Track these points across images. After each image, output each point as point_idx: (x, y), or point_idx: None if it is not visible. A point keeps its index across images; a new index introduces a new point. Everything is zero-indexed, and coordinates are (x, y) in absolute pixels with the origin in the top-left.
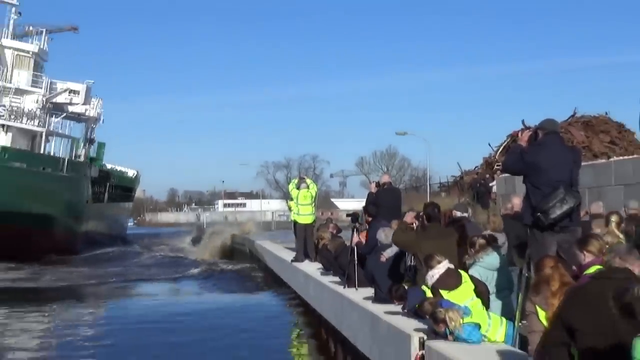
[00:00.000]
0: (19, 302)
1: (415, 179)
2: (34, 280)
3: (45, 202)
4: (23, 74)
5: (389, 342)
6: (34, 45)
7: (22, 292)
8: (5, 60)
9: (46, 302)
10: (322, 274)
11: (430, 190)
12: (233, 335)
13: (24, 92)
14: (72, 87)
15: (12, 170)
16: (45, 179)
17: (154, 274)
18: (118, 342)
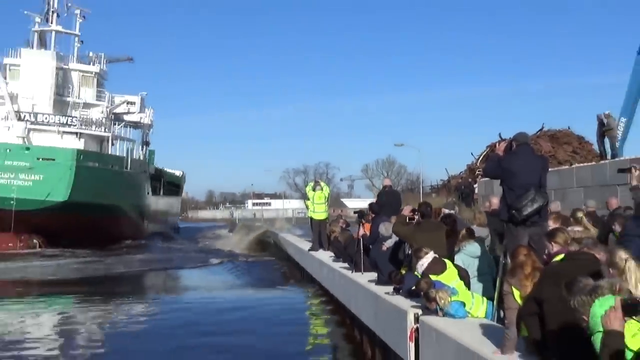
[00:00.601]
0: (81, 292)
1: (410, 182)
2: (101, 267)
3: (114, 195)
4: (89, 90)
5: (389, 317)
6: (96, 67)
7: (85, 283)
8: (73, 81)
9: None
10: (334, 261)
11: (422, 191)
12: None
13: (90, 106)
14: (129, 99)
15: (87, 169)
16: (113, 175)
17: (191, 259)
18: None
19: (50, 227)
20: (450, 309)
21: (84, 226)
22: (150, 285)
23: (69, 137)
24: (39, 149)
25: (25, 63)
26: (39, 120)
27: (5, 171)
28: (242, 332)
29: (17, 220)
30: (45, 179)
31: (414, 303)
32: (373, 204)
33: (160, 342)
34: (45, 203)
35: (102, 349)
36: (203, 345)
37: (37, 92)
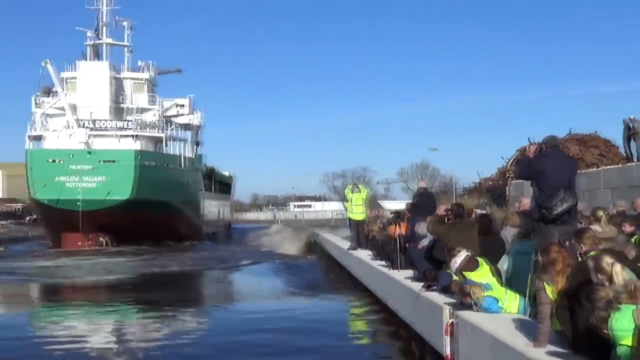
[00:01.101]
0: (133, 297)
1: (443, 185)
2: (156, 263)
3: (173, 192)
4: (141, 96)
5: (425, 312)
6: (146, 74)
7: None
8: (126, 88)
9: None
10: (372, 259)
11: (455, 193)
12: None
13: (144, 110)
14: (178, 102)
15: (146, 167)
16: (171, 172)
17: (243, 258)
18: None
19: (116, 225)
20: (484, 303)
21: (146, 223)
22: (204, 290)
23: (126, 140)
24: (101, 152)
25: (82, 75)
26: (98, 126)
27: (70, 175)
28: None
29: (84, 220)
30: (108, 180)
31: (448, 299)
32: (410, 205)
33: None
34: (109, 202)
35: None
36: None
37: (95, 100)
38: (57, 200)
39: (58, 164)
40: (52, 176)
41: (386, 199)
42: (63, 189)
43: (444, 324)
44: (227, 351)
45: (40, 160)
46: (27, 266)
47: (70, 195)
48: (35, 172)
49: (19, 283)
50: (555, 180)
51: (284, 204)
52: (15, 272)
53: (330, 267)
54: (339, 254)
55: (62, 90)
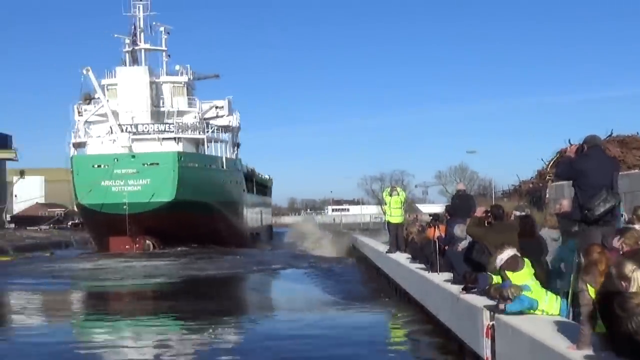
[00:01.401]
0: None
1: (482, 188)
2: (195, 266)
3: (216, 192)
4: (180, 99)
5: (464, 315)
6: (184, 77)
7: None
8: (165, 92)
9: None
10: (410, 262)
11: (494, 196)
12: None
13: (183, 113)
14: (217, 104)
15: (188, 169)
16: (212, 173)
17: (281, 262)
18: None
19: (161, 227)
20: (520, 301)
21: (189, 224)
22: (241, 299)
23: (167, 143)
24: (144, 155)
25: (121, 81)
26: (139, 131)
27: (115, 179)
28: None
29: (130, 224)
30: (152, 182)
31: (488, 302)
32: (448, 207)
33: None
34: (154, 204)
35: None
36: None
37: (136, 105)
38: (102, 205)
39: (103, 169)
40: (97, 181)
41: (424, 203)
42: (108, 194)
43: (483, 327)
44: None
45: (85, 166)
46: (74, 268)
47: (115, 199)
48: (81, 178)
49: (62, 289)
50: (597, 180)
51: (321, 208)
52: (61, 275)
53: (368, 271)
54: (376, 257)
55: (103, 97)
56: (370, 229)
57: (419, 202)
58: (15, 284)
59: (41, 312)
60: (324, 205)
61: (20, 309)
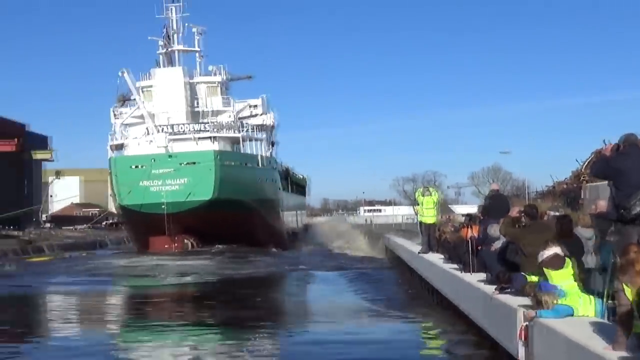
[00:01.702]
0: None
1: (516, 189)
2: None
3: (254, 190)
4: (215, 99)
5: (499, 315)
6: (218, 77)
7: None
8: (201, 92)
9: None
10: (444, 262)
11: (528, 197)
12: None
13: (218, 112)
14: (252, 103)
15: (226, 167)
16: (249, 171)
17: (317, 263)
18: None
19: (200, 226)
20: (554, 311)
21: (228, 223)
22: (277, 305)
23: (204, 142)
24: (181, 155)
25: (157, 82)
26: (176, 131)
27: (154, 179)
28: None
29: (169, 223)
30: (190, 182)
31: (523, 301)
32: (482, 207)
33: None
34: (192, 203)
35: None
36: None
37: (172, 106)
38: (142, 205)
39: (141, 170)
40: (136, 182)
41: (457, 204)
42: (147, 194)
43: (518, 327)
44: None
45: (124, 167)
46: (113, 265)
47: (154, 199)
48: (120, 178)
49: (99, 289)
50: (634, 179)
51: (354, 209)
52: (100, 273)
53: (403, 273)
54: (409, 257)
55: (140, 99)
56: (404, 230)
57: (452, 203)
58: (54, 284)
59: (77, 316)
60: (356, 206)
61: (57, 311)
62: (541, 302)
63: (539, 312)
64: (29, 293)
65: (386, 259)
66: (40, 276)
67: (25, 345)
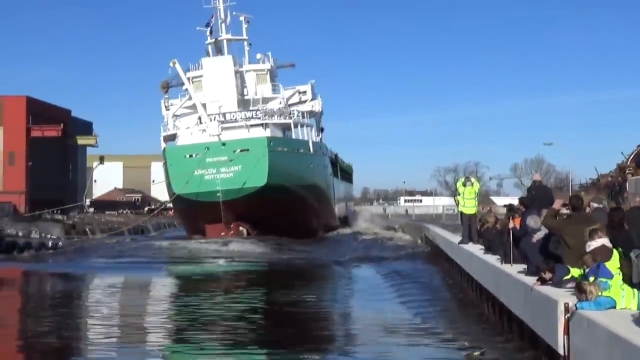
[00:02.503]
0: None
1: (559, 181)
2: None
3: (306, 176)
4: (264, 86)
5: (539, 307)
6: (267, 64)
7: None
8: (250, 80)
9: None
10: (484, 253)
11: (571, 190)
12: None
13: (268, 100)
14: (301, 89)
15: (278, 153)
16: (302, 157)
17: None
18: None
19: (254, 213)
20: (596, 303)
21: (282, 209)
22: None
23: (255, 129)
24: (234, 142)
25: (207, 71)
26: (227, 119)
27: (208, 167)
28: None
29: (225, 211)
30: (244, 169)
31: (564, 293)
32: (524, 198)
33: None
34: (247, 190)
35: None
36: None
37: (222, 94)
38: (197, 194)
39: (195, 159)
40: (190, 171)
41: (498, 195)
42: (202, 182)
43: (558, 319)
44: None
45: (178, 156)
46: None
47: (209, 187)
48: (175, 168)
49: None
50: None
51: (394, 199)
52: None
53: (442, 266)
54: (449, 248)
55: (190, 89)
56: (444, 223)
57: (493, 195)
58: (103, 264)
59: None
60: (396, 195)
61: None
62: (585, 292)
63: (579, 305)
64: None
65: (426, 246)
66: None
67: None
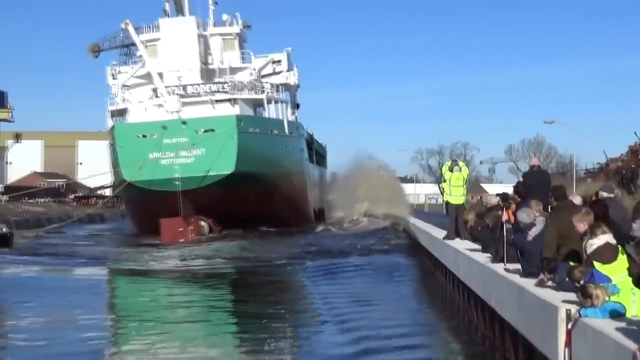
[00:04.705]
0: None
1: (561, 166)
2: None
3: (280, 162)
4: (232, 54)
5: (536, 313)
6: (235, 27)
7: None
8: (215, 46)
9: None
10: (472, 250)
11: (576, 175)
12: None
13: (236, 70)
14: (275, 58)
15: (249, 135)
16: (276, 140)
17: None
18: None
19: (218, 205)
20: (603, 310)
21: (251, 201)
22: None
23: (222, 106)
24: (196, 121)
25: (166, 34)
26: (189, 93)
27: (165, 150)
28: None
29: (184, 202)
30: (208, 153)
31: (567, 297)
32: (519, 186)
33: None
34: (211, 178)
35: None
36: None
37: (183, 63)
38: (151, 182)
39: (150, 140)
40: (143, 154)
41: (490, 182)
42: (157, 168)
43: (559, 328)
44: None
45: (129, 136)
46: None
47: (166, 174)
48: (125, 150)
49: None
50: None
51: None
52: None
53: (424, 267)
54: (431, 244)
55: (145, 55)
56: (426, 212)
57: (484, 182)
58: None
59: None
60: None
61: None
62: (590, 297)
63: (583, 311)
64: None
65: (405, 245)
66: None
67: None
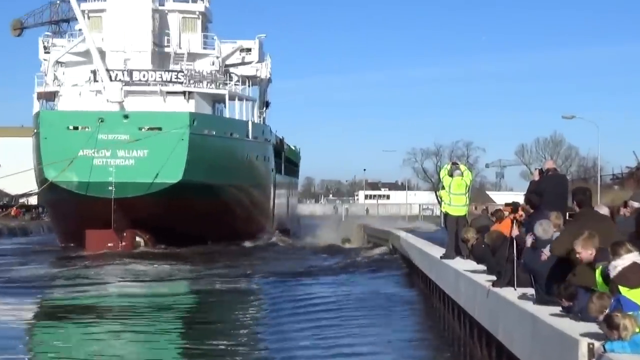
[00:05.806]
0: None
1: (583, 170)
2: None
3: (238, 172)
4: (193, 37)
5: (552, 347)
6: (199, 5)
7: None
8: (172, 25)
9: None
10: (475, 271)
11: (601, 181)
12: None
13: (196, 56)
14: (244, 45)
15: (203, 138)
16: (236, 145)
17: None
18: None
19: (158, 219)
20: (631, 344)
21: (198, 216)
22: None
23: (174, 99)
24: (141, 115)
25: (112, 5)
26: (135, 80)
27: (99, 148)
28: None
29: (118, 212)
30: (151, 155)
31: (588, 328)
32: (531, 194)
33: None
34: (152, 187)
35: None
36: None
37: (132, 41)
38: (79, 184)
39: (82, 132)
40: (73, 150)
41: (498, 190)
42: (88, 168)
43: None
44: None
45: (57, 126)
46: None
47: (99, 176)
48: (50, 143)
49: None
50: None
51: (350, 194)
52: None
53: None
54: (426, 265)
55: (86, 28)
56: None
57: (491, 190)
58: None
59: None
60: (353, 189)
61: None
62: (617, 328)
63: (609, 345)
64: None
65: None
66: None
67: None
